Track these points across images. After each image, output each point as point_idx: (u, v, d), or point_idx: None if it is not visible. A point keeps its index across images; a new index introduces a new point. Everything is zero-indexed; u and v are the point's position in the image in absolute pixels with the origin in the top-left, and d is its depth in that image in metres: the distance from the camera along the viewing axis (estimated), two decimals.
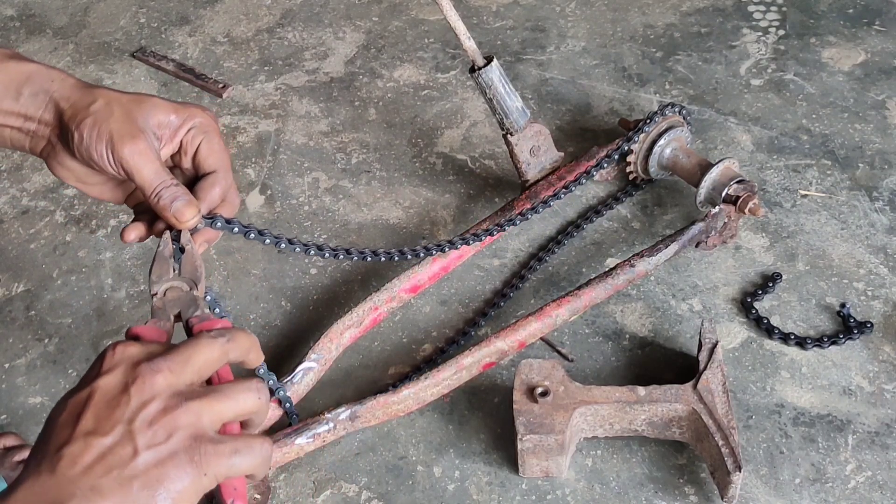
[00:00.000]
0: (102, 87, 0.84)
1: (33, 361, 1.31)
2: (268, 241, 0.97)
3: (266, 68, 1.76)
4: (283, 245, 1.00)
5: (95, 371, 0.64)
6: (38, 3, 1.97)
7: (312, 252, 1.04)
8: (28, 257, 1.45)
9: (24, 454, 1.10)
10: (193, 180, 0.88)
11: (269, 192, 1.52)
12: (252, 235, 0.95)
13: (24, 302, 1.39)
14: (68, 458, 0.59)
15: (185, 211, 0.82)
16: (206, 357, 0.67)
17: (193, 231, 0.85)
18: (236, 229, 0.90)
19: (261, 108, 1.68)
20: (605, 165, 1.36)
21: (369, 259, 1.12)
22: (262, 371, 1.07)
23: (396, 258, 1.16)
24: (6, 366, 1.31)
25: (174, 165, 0.89)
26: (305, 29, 1.85)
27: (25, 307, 1.38)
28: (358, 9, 1.89)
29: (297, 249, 1.03)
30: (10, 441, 1.15)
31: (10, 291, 1.41)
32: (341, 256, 1.08)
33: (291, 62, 1.78)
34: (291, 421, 1.15)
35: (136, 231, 0.87)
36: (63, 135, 0.82)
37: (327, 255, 1.06)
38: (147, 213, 0.87)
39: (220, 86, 1.72)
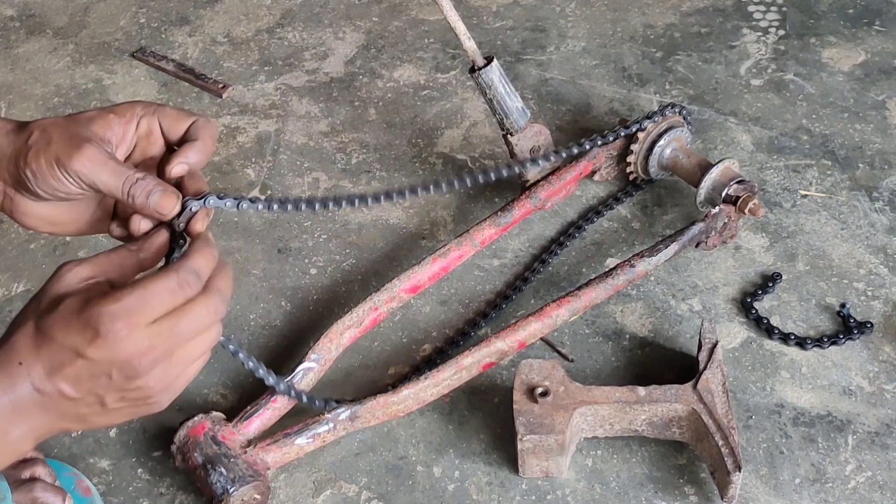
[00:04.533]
0: (36, 120, 0.81)
1: None
2: (260, 207, 0.88)
3: (266, 68, 1.76)
4: (275, 207, 0.91)
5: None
6: (38, 3, 1.97)
7: (317, 206, 0.98)
8: (28, 257, 1.45)
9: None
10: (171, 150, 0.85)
11: (269, 192, 1.52)
12: (244, 206, 0.86)
13: (23, 302, 1.39)
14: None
15: (163, 203, 0.79)
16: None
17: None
18: (228, 203, 0.83)
19: (261, 108, 1.68)
20: (601, 143, 1.32)
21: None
22: (262, 372, 1.06)
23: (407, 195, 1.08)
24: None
25: (145, 159, 0.86)
26: (305, 29, 1.85)
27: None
28: (358, 9, 1.89)
29: (290, 208, 0.95)
30: None
31: (10, 291, 1.41)
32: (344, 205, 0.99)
33: (291, 62, 1.78)
34: (312, 406, 1.13)
35: (119, 227, 0.85)
36: (19, 182, 0.80)
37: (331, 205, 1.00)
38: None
39: (220, 86, 1.72)
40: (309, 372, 1.19)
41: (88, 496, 1.13)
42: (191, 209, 0.80)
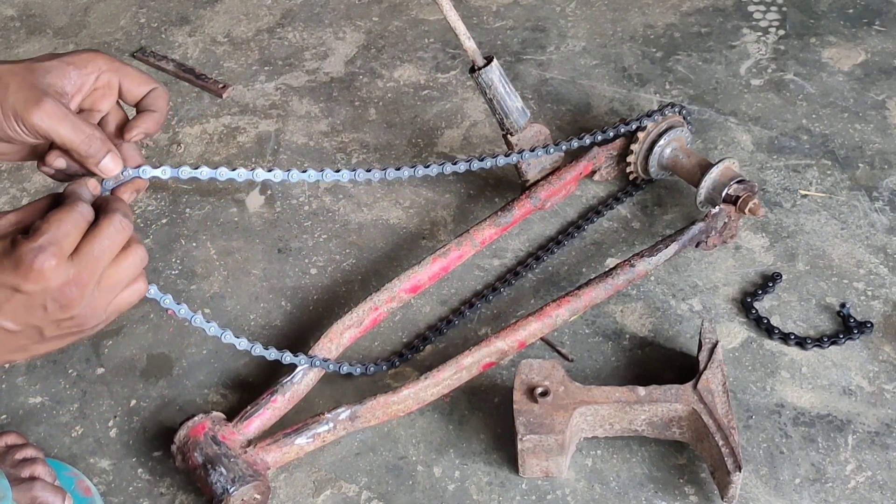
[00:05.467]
0: None
1: (33, 361, 1.31)
2: (205, 175, 0.95)
3: (266, 68, 1.76)
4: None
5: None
6: (38, 3, 1.97)
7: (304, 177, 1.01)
8: None
9: (26, 452, 1.10)
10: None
11: (269, 192, 1.52)
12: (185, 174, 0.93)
13: None
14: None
15: (111, 167, 0.85)
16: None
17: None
18: (168, 175, 0.91)
19: (261, 108, 1.68)
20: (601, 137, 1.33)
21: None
22: (199, 319, 1.04)
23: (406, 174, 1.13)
24: (6, 366, 1.31)
25: (91, 110, 0.90)
26: (305, 29, 1.85)
27: None
28: (358, 9, 1.89)
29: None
30: (11, 439, 1.15)
31: None
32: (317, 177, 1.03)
33: (291, 62, 1.78)
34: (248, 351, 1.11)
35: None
36: None
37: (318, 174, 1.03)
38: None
39: (220, 86, 1.72)
40: (309, 372, 1.19)
41: (88, 496, 1.13)
42: (124, 172, 0.87)
